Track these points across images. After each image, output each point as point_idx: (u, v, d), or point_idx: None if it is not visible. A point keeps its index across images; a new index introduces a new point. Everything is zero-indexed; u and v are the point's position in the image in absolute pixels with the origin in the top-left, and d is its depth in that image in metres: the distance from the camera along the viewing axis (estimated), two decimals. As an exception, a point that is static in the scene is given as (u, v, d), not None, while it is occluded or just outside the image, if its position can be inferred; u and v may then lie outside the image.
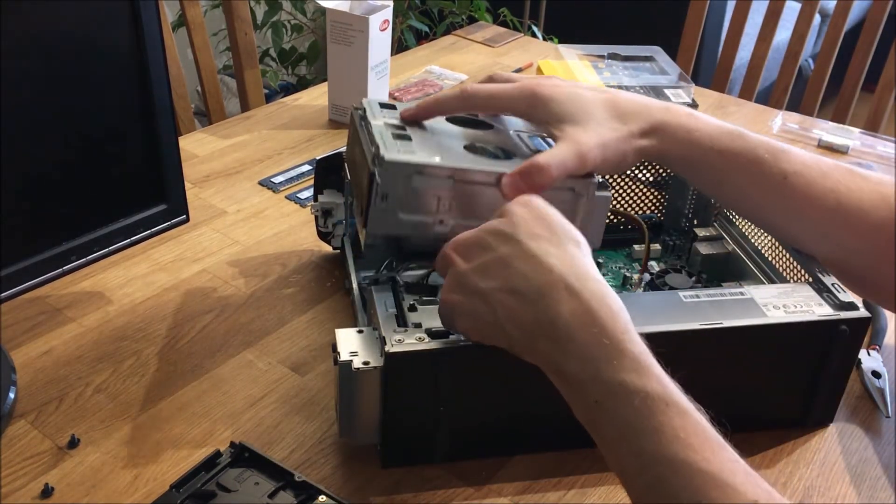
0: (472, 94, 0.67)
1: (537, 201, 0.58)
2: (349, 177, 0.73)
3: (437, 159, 0.62)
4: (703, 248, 0.80)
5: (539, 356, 0.54)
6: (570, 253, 0.55)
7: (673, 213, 0.86)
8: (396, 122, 0.67)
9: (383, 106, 0.70)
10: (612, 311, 0.52)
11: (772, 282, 0.74)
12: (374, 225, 0.62)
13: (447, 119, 0.70)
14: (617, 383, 0.49)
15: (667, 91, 1.18)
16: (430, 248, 0.62)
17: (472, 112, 0.71)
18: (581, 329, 0.51)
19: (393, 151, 0.61)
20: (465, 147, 0.66)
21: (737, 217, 0.81)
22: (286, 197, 0.98)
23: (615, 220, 0.85)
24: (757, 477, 0.47)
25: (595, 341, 0.51)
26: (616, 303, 0.53)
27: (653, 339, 0.61)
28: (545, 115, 0.65)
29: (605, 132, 0.64)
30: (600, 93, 0.67)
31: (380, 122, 0.66)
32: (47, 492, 0.60)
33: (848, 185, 0.65)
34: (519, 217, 0.57)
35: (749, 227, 0.79)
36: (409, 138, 0.65)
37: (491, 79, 0.69)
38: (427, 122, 0.69)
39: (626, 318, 0.52)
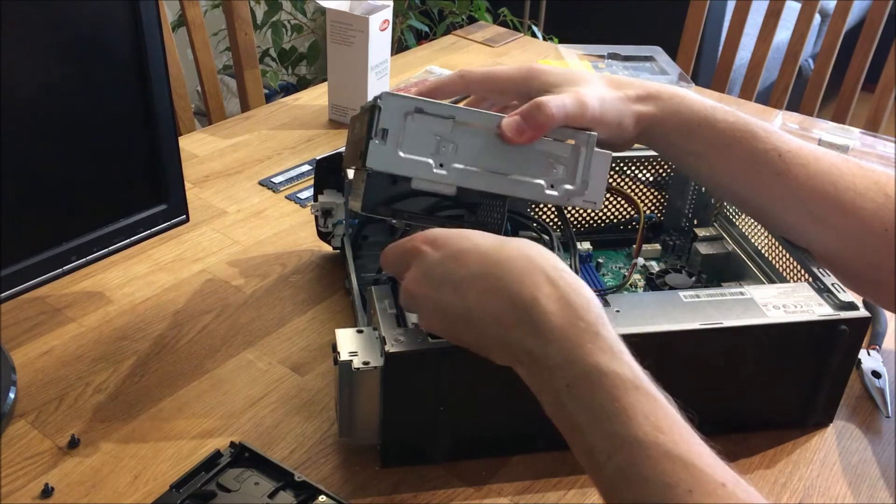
0: (469, 74, 0.69)
1: None
2: (347, 175, 0.72)
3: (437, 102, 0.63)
4: (703, 248, 0.80)
5: (509, 347, 0.54)
6: (544, 249, 0.56)
7: (673, 213, 0.86)
8: None
9: None
10: (587, 300, 0.53)
11: (772, 282, 0.74)
12: (374, 160, 0.62)
13: None
14: (591, 364, 0.50)
15: (667, 91, 1.19)
16: (425, 219, 0.63)
17: (469, 93, 0.72)
18: (558, 313, 0.52)
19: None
20: None
21: (737, 217, 0.81)
22: (286, 197, 0.98)
23: (615, 220, 0.85)
24: (723, 462, 0.47)
25: (571, 325, 0.51)
26: (590, 294, 0.54)
27: (653, 339, 0.61)
28: (542, 84, 0.66)
29: (603, 91, 0.66)
30: (595, 72, 0.69)
31: None
32: (47, 492, 0.60)
33: (841, 169, 0.65)
34: None
35: (749, 227, 0.79)
36: None
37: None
38: None
39: (600, 308, 0.53)
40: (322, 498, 0.58)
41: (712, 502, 0.45)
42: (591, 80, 0.67)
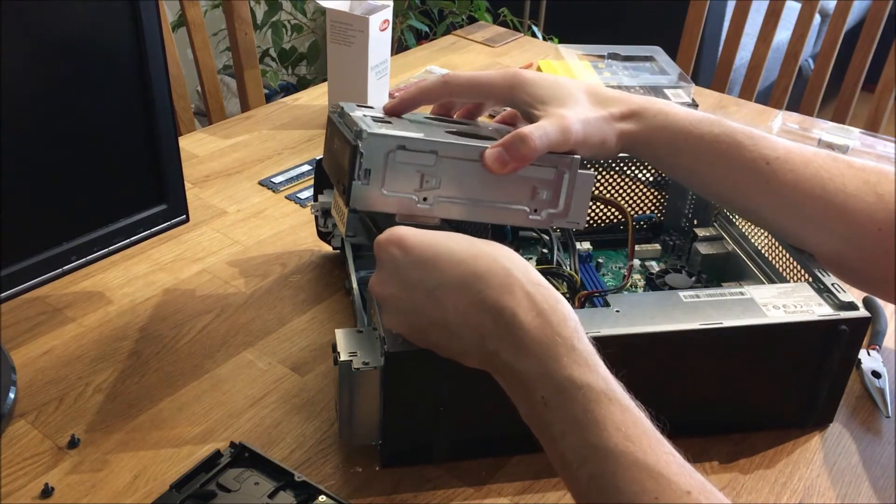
0: (453, 79, 0.68)
1: None
2: (329, 174, 0.72)
3: (420, 135, 0.62)
4: (703, 248, 0.80)
5: (487, 357, 0.54)
6: (518, 258, 0.56)
7: (673, 213, 0.86)
8: (377, 114, 0.67)
9: (361, 106, 0.69)
10: (564, 314, 0.53)
11: (772, 282, 0.74)
12: (357, 201, 0.61)
13: (427, 117, 0.70)
14: (565, 377, 0.51)
15: (667, 91, 1.18)
16: None
17: (453, 99, 0.72)
18: (536, 329, 0.52)
19: (375, 128, 0.62)
20: (447, 132, 0.66)
21: (737, 217, 0.81)
22: (286, 197, 0.98)
23: (615, 220, 0.85)
24: (692, 470, 0.49)
25: (549, 339, 0.52)
26: (566, 308, 0.54)
27: (653, 339, 0.61)
28: (527, 97, 0.66)
29: (586, 111, 0.66)
30: (580, 82, 0.69)
31: (359, 113, 0.66)
32: (47, 492, 0.60)
33: (830, 171, 0.65)
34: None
35: (749, 227, 0.79)
36: (390, 123, 0.65)
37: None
38: (408, 115, 0.69)
39: (576, 321, 0.54)
40: (322, 498, 0.58)
41: None
42: (576, 97, 0.66)
